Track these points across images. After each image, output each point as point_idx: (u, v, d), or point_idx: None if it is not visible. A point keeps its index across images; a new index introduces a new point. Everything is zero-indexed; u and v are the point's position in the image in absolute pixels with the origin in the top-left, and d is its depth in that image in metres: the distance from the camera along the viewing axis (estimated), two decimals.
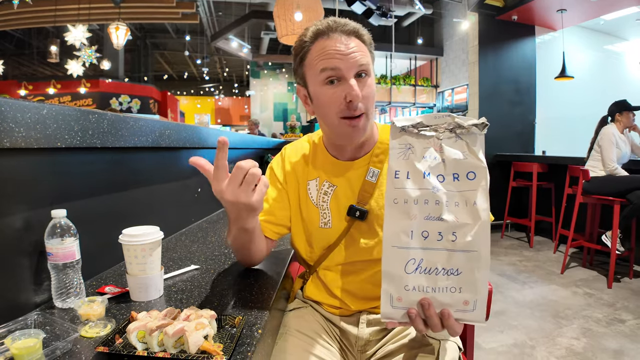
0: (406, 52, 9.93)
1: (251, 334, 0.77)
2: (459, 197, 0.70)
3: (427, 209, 0.71)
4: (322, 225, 1.06)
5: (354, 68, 0.92)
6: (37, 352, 0.65)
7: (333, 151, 1.08)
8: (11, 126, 0.78)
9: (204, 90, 21.61)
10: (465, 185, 0.70)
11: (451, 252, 0.70)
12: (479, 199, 0.69)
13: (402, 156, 0.73)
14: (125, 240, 0.92)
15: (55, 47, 9.23)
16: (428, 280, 0.71)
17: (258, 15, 9.41)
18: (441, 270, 0.70)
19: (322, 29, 0.94)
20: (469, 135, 0.71)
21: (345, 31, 0.93)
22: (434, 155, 0.72)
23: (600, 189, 3.51)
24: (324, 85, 0.94)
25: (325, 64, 0.92)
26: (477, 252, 0.69)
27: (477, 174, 0.70)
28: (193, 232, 1.72)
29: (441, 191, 0.70)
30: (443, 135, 0.72)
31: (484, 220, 0.68)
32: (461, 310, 0.70)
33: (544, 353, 2.35)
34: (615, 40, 8.25)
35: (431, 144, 0.73)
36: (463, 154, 0.71)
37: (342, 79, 0.92)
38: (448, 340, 0.96)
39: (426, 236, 0.71)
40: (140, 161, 1.42)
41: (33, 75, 16.24)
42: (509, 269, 3.96)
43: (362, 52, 0.94)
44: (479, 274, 0.69)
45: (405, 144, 0.74)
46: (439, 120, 0.73)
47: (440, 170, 0.72)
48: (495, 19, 5.70)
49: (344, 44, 0.92)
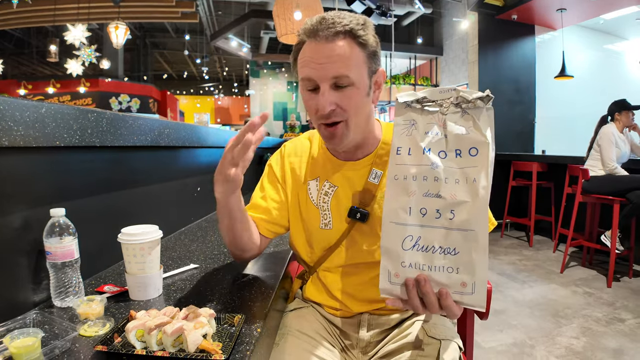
0: (406, 51, 9.91)
1: (250, 332, 0.77)
2: (460, 174, 0.69)
3: (426, 186, 0.70)
4: (322, 226, 1.05)
5: (328, 79, 0.88)
6: (36, 351, 0.65)
7: (333, 151, 1.07)
8: (10, 125, 0.78)
9: (204, 89, 21.59)
10: (467, 162, 0.68)
11: (448, 231, 0.69)
12: (480, 176, 0.67)
13: (405, 132, 0.73)
14: (124, 239, 0.92)
15: (55, 47, 9.22)
16: (425, 258, 0.70)
17: (257, 14, 9.40)
18: (438, 248, 0.69)
19: (309, 28, 0.90)
20: (476, 110, 0.69)
21: (331, 34, 0.87)
22: (436, 131, 0.71)
23: (599, 188, 3.51)
24: (305, 90, 0.94)
25: (302, 72, 0.92)
26: (474, 231, 0.67)
27: (480, 150, 0.68)
28: (192, 231, 1.72)
29: (440, 168, 0.69)
30: (448, 110, 0.70)
31: (482, 198, 0.67)
32: (459, 292, 0.69)
33: (543, 352, 2.35)
34: (615, 39, 8.25)
35: (434, 120, 0.71)
36: (467, 129, 0.69)
37: (318, 88, 0.90)
38: (448, 340, 0.96)
39: (424, 213, 0.70)
40: (139, 160, 1.42)
41: (32, 74, 16.22)
42: (509, 268, 3.96)
43: (345, 60, 0.87)
44: (476, 255, 0.67)
45: (409, 120, 0.73)
46: (444, 95, 0.71)
47: (442, 146, 0.70)
48: (495, 18, 5.70)
49: (324, 50, 0.87)
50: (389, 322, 1.06)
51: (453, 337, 0.99)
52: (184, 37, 13.07)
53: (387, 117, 13.78)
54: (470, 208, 0.67)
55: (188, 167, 1.90)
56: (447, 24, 9.29)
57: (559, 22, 5.92)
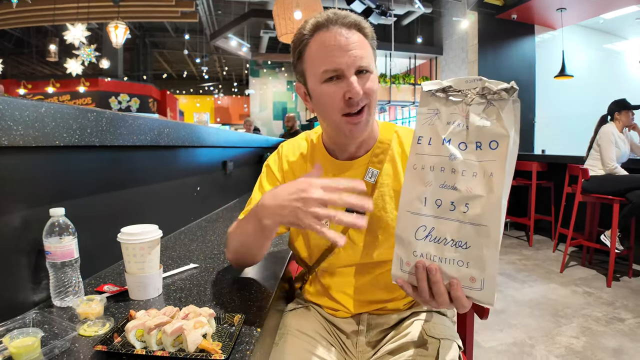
0: (406, 51, 9.92)
1: (250, 332, 0.77)
2: (479, 167, 0.67)
3: (442, 177, 0.69)
4: None
5: (355, 66, 0.88)
6: (36, 350, 0.65)
7: (332, 150, 1.06)
8: (9, 124, 0.78)
9: (203, 89, 21.60)
10: (487, 155, 0.67)
11: (461, 224, 0.68)
12: (496, 171, 0.66)
13: (427, 122, 0.72)
14: (124, 238, 0.92)
15: (54, 46, 9.22)
16: (436, 249, 0.70)
17: (257, 14, 9.40)
18: (450, 241, 0.69)
19: (321, 21, 0.90)
20: (501, 102, 0.67)
21: (346, 24, 0.90)
22: (458, 122, 0.70)
23: (599, 188, 3.51)
24: (324, 83, 0.90)
25: (325, 63, 0.89)
26: (486, 227, 0.66)
27: (500, 144, 0.66)
28: (192, 231, 1.71)
29: (458, 159, 0.68)
30: (473, 101, 0.69)
31: (497, 194, 0.65)
32: (468, 287, 0.68)
33: (543, 352, 2.35)
34: (615, 39, 8.25)
35: (458, 110, 0.70)
36: (490, 121, 0.67)
37: (343, 77, 0.89)
38: (448, 339, 0.96)
39: (439, 205, 0.70)
40: (139, 160, 1.42)
41: (32, 74, 16.22)
42: (509, 268, 3.96)
43: (363, 47, 0.90)
44: (487, 251, 0.66)
45: (433, 109, 0.72)
46: (469, 85, 0.70)
47: (463, 137, 0.69)
48: (494, 17, 5.70)
49: (344, 37, 0.88)
50: (388, 322, 1.06)
51: (452, 336, 0.99)
52: (184, 36, 13.07)
53: (386, 116, 13.78)
54: (485, 203, 0.66)
55: (188, 167, 1.90)
56: (447, 23, 9.29)
57: (559, 21, 5.92)
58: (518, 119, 0.66)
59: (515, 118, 0.66)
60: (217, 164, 2.38)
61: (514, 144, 0.66)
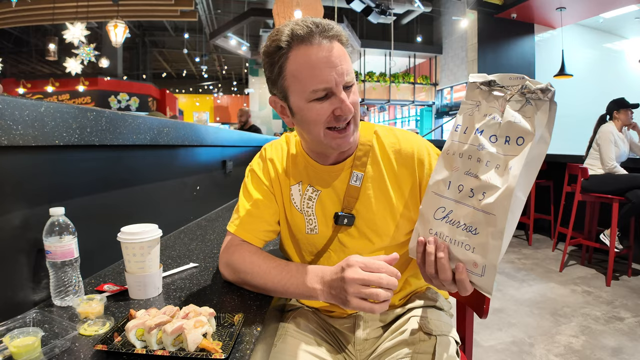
0: (405, 50, 9.92)
1: (250, 331, 0.77)
2: (503, 160, 0.70)
3: (468, 164, 0.74)
4: (308, 231, 1.03)
5: (343, 82, 0.86)
6: (36, 350, 0.65)
7: (313, 155, 1.04)
8: (9, 124, 0.78)
9: (203, 88, 21.59)
10: (513, 150, 0.70)
11: (476, 210, 0.72)
12: (515, 164, 0.68)
13: (469, 112, 0.76)
14: (124, 238, 0.92)
15: (54, 45, 9.22)
16: (450, 230, 0.74)
17: (257, 13, 9.39)
18: (462, 224, 0.73)
19: (302, 34, 0.84)
20: (538, 102, 0.69)
21: (328, 36, 0.85)
22: (494, 115, 0.73)
23: (599, 187, 3.51)
24: (312, 102, 0.87)
25: (314, 82, 0.85)
26: (494, 216, 0.69)
27: (525, 140, 0.69)
28: (192, 230, 1.72)
29: (485, 150, 0.72)
30: (512, 98, 0.72)
31: (510, 185, 0.67)
32: (470, 271, 0.72)
33: (542, 351, 2.35)
34: (615, 38, 8.25)
35: (496, 105, 0.73)
36: (524, 119, 0.70)
37: (332, 94, 0.87)
38: (445, 335, 0.96)
39: (461, 190, 0.74)
40: (138, 159, 1.42)
41: (31, 73, 16.21)
42: (508, 267, 3.97)
43: (346, 59, 0.88)
44: (492, 240, 0.69)
45: (475, 101, 0.76)
46: (512, 82, 0.73)
47: (495, 130, 0.72)
48: (494, 17, 5.70)
49: (328, 52, 0.85)
50: (385, 320, 1.06)
51: (449, 332, 0.99)
52: (183, 35, 13.07)
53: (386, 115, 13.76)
54: (499, 194, 0.69)
55: (187, 166, 1.90)
56: (447, 22, 9.29)
57: (559, 20, 5.92)
58: (553, 120, 0.69)
59: (549, 119, 0.69)
60: (217, 163, 2.38)
61: (539, 142, 0.69)
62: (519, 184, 0.67)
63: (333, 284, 0.81)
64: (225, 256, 1.02)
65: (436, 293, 1.14)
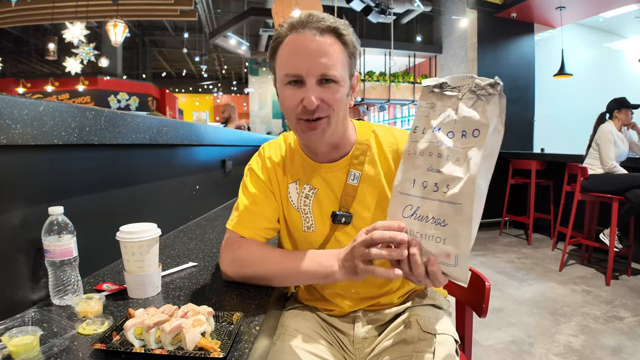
0: (405, 49, 9.90)
1: (249, 330, 0.77)
2: (462, 153, 0.73)
3: (430, 161, 0.76)
4: (305, 229, 1.04)
5: (316, 74, 0.87)
6: (35, 349, 0.65)
7: (309, 153, 1.05)
8: (8, 123, 0.78)
9: (203, 87, 21.57)
10: (470, 142, 0.73)
11: (441, 203, 0.74)
12: (475, 154, 0.71)
13: (424, 114, 0.80)
14: (123, 237, 0.92)
15: (53, 45, 9.21)
16: (419, 226, 0.76)
17: (256, 12, 9.37)
18: (431, 218, 0.74)
19: (296, 22, 0.89)
20: (488, 97, 0.73)
21: (320, 28, 0.88)
22: (449, 113, 0.76)
23: (598, 186, 3.51)
24: (286, 85, 0.91)
25: (287, 66, 0.89)
26: (461, 205, 0.71)
27: (481, 132, 0.72)
28: (191, 230, 1.72)
29: (445, 145, 0.74)
30: (464, 96, 0.75)
31: (472, 173, 0.70)
32: (444, 263, 0.74)
33: (542, 350, 2.36)
34: (614, 38, 8.24)
35: (450, 104, 0.77)
36: (477, 113, 0.73)
37: (302, 83, 0.89)
38: (444, 334, 0.96)
39: (425, 186, 0.76)
40: (138, 158, 1.42)
41: (31, 73, 16.19)
42: (508, 266, 3.97)
43: (334, 55, 0.88)
44: (461, 228, 0.71)
45: (430, 103, 0.79)
46: (462, 82, 0.76)
47: (451, 127, 0.75)
48: (494, 16, 5.69)
49: (313, 42, 0.87)
50: (384, 318, 1.06)
51: (449, 330, 0.99)
52: (183, 35, 13.05)
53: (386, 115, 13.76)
54: (463, 183, 0.71)
55: (187, 165, 1.90)
56: (446, 22, 9.28)
57: (558, 20, 5.91)
58: (504, 112, 0.72)
59: (500, 110, 0.72)
60: (216, 162, 2.38)
61: (494, 132, 0.72)
62: (480, 172, 0.70)
63: (347, 257, 0.83)
64: (229, 253, 1.01)
65: (435, 292, 1.14)
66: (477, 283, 1.15)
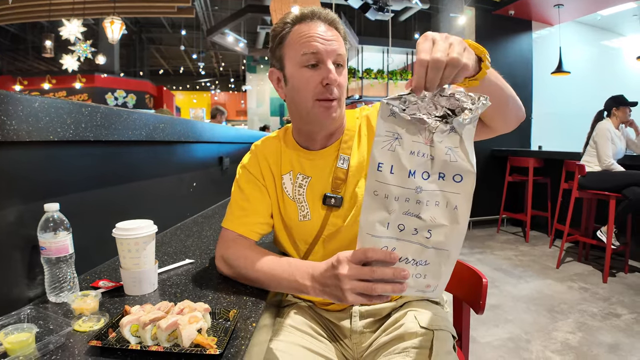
0: (403, 47, 9.89)
1: (245, 327, 0.76)
2: (441, 196, 0.68)
3: (406, 206, 0.68)
4: (301, 218, 1.05)
5: (333, 55, 0.95)
6: (30, 346, 0.65)
7: (303, 142, 1.07)
8: (2, 119, 0.77)
9: (200, 85, 21.54)
10: (450, 187, 0.67)
11: (423, 247, 0.70)
12: (461, 204, 0.67)
13: (387, 146, 0.67)
14: (119, 234, 0.91)
15: (50, 42, 9.15)
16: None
17: (254, 9, 9.34)
18: (411, 260, 0.70)
19: (306, 13, 0.97)
20: (460, 126, 0.66)
21: (328, 20, 0.97)
22: (423, 152, 0.67)
23: (596, 184, 3.52)
24: (303, 67, 0.95)
25: (307, 47, 0.94)
26: (447, 251, 0.69)
27: (464, 178, 0.67)
28: (188, 227, 1.71)
29: (424, 192, 0.67)
30: (436, 129, 0.66)
31: (462, 226, 0.68)
32: (422, 290, 0.73)
33: (539, 347, 2.36)
34: (612, 35, 8.24)
35: (421, 139, 0.67)
36: (454, 151, 0.66)
37: (321, 63, 0.94)
38: (442, 330, 0.96)
39: (402, 229, 0.69)
40: (134, 155, 1.42)
41: (28, 70, 16.12)
42: (505, 264, 3.98)
43: (341, 44, 0.98)
44: (445, 267, 0.70)
45: (393, 132, 0.67)
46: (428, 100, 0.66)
47: (427, 167, 0.67)
48: (491, 13, 5.69)
49: (325, 31, 0.95)
50: (381, 312, 1.06)
51: (446, 326, 0.99)
52: (180, 32, 13.01)
53: None
54: (449, 232, 0.68)
55: (184, 162, 1.89)
56: (445, 19, 9.26)
57: (556, 18, 5.91)
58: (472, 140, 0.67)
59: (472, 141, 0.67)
60: (214, 159, 2.37)
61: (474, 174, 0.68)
62: (466, 218, 0.68)
63: (326, 282, 0.78)
64: (220, 250, 1.04)
65: None
66: (474, 280, 1.15)
